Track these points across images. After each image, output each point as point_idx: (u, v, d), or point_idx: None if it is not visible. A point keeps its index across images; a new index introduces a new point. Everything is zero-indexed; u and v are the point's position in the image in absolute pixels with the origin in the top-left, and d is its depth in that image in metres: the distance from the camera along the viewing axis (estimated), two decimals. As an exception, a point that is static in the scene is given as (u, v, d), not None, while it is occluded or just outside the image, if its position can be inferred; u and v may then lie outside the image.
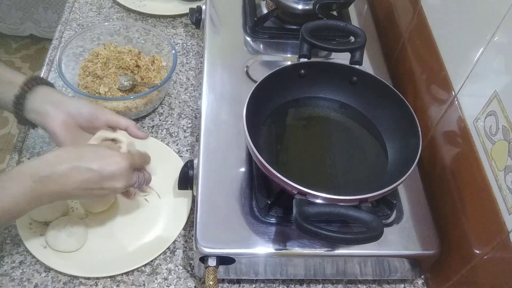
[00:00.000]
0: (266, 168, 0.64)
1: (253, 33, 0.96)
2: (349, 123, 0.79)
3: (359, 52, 0.79)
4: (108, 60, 0.95)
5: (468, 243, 0.67)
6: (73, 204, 0.79)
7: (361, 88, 0.79)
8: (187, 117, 0.95)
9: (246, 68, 0.89)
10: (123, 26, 1.01)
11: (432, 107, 0.79)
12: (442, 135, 0.76)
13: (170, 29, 1.12)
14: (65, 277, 0.72)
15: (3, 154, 2.00)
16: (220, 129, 0.79)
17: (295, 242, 0.67)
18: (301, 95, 0.81)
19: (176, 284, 0.73)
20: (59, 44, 1.05)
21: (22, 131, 0.89)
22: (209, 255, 0.66)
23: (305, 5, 0.93)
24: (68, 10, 1.14)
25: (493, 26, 0.63)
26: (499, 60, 0.63)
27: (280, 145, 0.75)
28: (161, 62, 0.98)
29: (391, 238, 0.69)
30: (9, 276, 0.72)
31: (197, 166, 0.74)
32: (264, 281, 0.75)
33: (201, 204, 0.70)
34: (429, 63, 0.81)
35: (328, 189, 0.61)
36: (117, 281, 0.73)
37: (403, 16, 0.94)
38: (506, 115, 0.60)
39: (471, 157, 0.66)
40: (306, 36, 0.79)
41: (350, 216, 0.60)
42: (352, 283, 0.76)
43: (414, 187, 0.75)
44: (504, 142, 0.60)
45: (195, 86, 1.01)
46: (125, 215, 0.79)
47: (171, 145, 0.90)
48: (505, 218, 0.59)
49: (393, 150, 0.74)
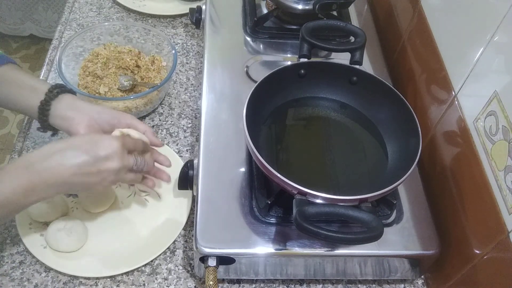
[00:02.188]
0: (266, 168, 0.64)
1: (253, 33, 0.96)
2: (349, 123, 0.79)
3: (359, 52, 0.79)
4: (108, 60, 0.95)
5: (468, 243, 0.67)
6: (73, 204, 0.79)
7: (361, 88, 0.79)
8: (187, 117, 0.95)
9: (246, 68, 0.89)
10: (123, 26, 1.01)
11: (432, 107, 0.79)
12: (442, 135, 0.76)
13: (170, 29, 1.12)
14: (65, 277, 0.72)
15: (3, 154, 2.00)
16: (220, 129, 0.79)
17: (295, 242, 0.67)
18: (301, 95, 0.81)
19: (176, 284, 0.73)
20: (59, 44, 1.06)
21: (22, 131, 0.89)
22: (209, 255, 0.66)
23: (305, 5, 0.93)
24: (68, 10, 1.14)
25: (493, 26, 0.63)
26: (499, 60, 0.63)
27: (280, 145, 0.75)
28: (161, 62, 0.98)
29: (391, 238, 0.69)
30: (9, 276, 0.72)
31: (197, 166, 0.74)
32: (264, 281, 0.75)
33: (201, 204, 0.70)
34: (429, 63, 0.81)
35: (328, 189, 0.62)
36: (117, 281, 0.73)
37: (403, 16, 0.94)
38: (506, 115, 0.60)
39: (471, 157, 0.66)
40: (306, 36, 0.79)
41: (350, 216, 0.60)
42: (352, 283, 0.76)
43: (414, 187, 0.75)
44: (504, 142, 0.60)
45: (195, 86, 1.01)
46: (125, 215, 0.79)
47: (171, 145, 0.90)
48: (505, 218, 0.59)
49: (393, 150, 0.74)
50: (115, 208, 0.80)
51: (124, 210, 0.80)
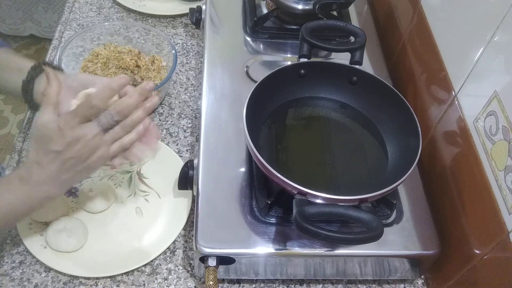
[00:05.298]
0: (266, 168, 0.64)
1: (253, 33, 0.96)
2: (349, 123, 0.79)
3: (359, 52, 0.79)
4: (108, 60, 0.95)
5: (468, 243, 0.67)
6: (73, 204, 0.79)
7: (361, 88, 0.79)
8: (187, 117, 0.95)
9: (246, 68, 0.89)
10: (123, 26, 1.01)
11: (432, 107, 0.79)
12: (442, 135, 0.76)
13: (170, 29, 1.12)
14: (65, 277, 0.72)
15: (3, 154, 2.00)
16: (220, 129, 0.79)
17: (295, 242, 0.67)
18: (301, 95, 0.81)
19: (176, 284, 0.73)
20: (59, 44, 1.06)
21: (22, 131, 0.89)
22: (209, 255, 0.66)
23: (305, 5, 0.93)
24: (68, 10, 1.14)
25: (493, 26, 0.63)
26: (499, 60, 0.63)
27: (280, 145, 0.75)
28: (161, 62, 0.98)
29: (391, 238, 0.69)
30: (9, 276, 0.72)
31: (197, 166, 0.74)
32: (264, 281, 0.75)
33: (201, 204, 0.70)
34: (429, 63, 0.81)
35: (328, 189, 0.62)
36: (117, 281, 0.73)
37: (403, 16, 0.94)
38: (506, 115, 0.60)
39: (471, 157, 0.66)
40: (306, 36, 0.79)
41: (350, 216, 0.60)
42: (352, 283, 0.76)
43: (414, 187, 0.75)
44: (504, 142, 0.60)
45: (195, 86, 1.01)
46: (125, 215, 0.79)
47: (171, 145, 0.90)
48: (505, 218, 0.59)
49: (393, 150, 0.74)
50: (115, 208, 0.80)
51: (124, 210, 0.80)
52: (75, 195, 0.80)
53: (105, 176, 0.84)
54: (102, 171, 0.84)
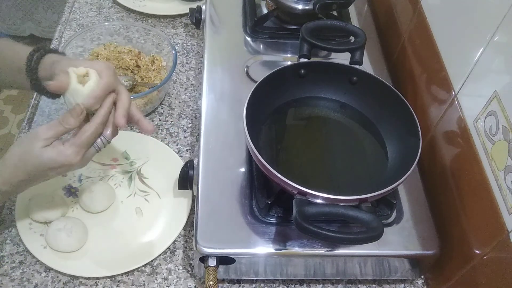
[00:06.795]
0: (266, 168, 0.64)
1: (253, 33, 0.96)
2: (349, 123, 0.79)
3: (359, 52, 0.79)
4: (108, 60, 0.95)
5: (468, 243, 0.67)
6: (73, 204, 0.79)
7: (361, 88, 0.79)
8: (187, 117, 0.95)
9: (246, 68, 0.89)
10: (123, 26, 1.01)
11: (432, 107, 0.79)
12: (442, 135, 0.76)
13: (170, 29, 1.12)
14: (65, 277, 0.72)
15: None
16: (220, 129, 0.79)
17: (295, 242, 0.67)
18: (301, 95, 0.81)
19: (176, 284, 0.73)
20: (59, 44, 1.05)
21: (22, 131, 0.89)
22: (209, 255, 0.66)
23: (305, 5, 0.93)
24: (68, 10, 1.14)
25: (493, 26, 0.63)
26: (499, 60, 0.63)
27: (280, 145, 0.75)
28: (161, 62, 0.98)
29: (391, 238, 0.69)
30: (9, 276, 0.72)
31: (197, 166, 0.74)
32: (264, 281, 0.75)
33: (201, 204, 0.70)
34: (429, 63, 0.81)
35: (328, 189, 0.61)
36: (117, 281, 0.73)
37: (403, 16, 0.94)
38: (506, 115, 0.60)
39: (471, 157, 0.66)
40: (306, 36, 0.79)
41: (350, 216, 0.60)
42: (352, 283, 0.76)
43: (414, 187, 0.75)
44: (504, 142, 0.60)
45: (195, 86, 1.01)
46: (125, 215, 0.80)
47: (171, 145, 0.90)
48: (505, 218, 0.59)
49: (393, 150, 0.74)
50: (115, 208, 0.80)
51: (124, 210, 0.80)
52: (75, 195, 0.80)
53: (105, 176, 0.84)
54: (102, 171, 0.84)
